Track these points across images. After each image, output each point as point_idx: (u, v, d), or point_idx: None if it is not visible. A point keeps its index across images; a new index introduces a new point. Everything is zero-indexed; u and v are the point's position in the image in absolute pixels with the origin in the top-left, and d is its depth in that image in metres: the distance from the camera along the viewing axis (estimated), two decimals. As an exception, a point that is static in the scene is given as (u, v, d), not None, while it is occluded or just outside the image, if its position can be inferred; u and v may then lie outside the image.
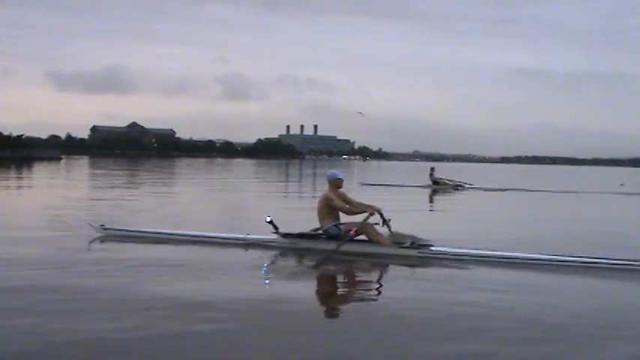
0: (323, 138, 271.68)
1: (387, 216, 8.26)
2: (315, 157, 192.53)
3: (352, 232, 8.00)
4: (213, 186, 27.48)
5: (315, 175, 43.85)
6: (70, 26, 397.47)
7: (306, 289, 6.44)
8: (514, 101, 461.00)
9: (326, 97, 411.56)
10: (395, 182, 30.52)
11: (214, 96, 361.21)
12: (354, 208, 8.36)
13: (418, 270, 7.48)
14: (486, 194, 24.26)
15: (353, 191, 26.46)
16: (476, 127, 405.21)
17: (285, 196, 23.11)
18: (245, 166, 68.00)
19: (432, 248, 7.99)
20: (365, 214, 8.11)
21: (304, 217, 9.96)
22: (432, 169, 28.17)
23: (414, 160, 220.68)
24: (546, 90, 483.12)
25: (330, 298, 6.25)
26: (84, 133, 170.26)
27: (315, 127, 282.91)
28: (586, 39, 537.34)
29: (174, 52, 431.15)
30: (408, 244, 8.05)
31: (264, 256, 7.99)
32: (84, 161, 71.52)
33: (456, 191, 25.33)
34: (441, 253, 7.92)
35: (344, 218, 8.48)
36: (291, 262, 7.83)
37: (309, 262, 7.62)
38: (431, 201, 21.15)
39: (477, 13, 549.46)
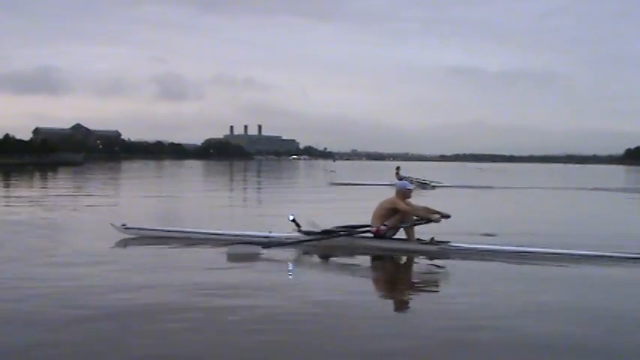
0: (269, 138, 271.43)
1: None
2: (263, 157, 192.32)
3: (374, 229, 8.66)
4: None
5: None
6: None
7: (326, 280, 7.21)
8: (449, 100, 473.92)
9: (264, 97, 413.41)
10: (363, 181, 31.46)
11: (151, 96, 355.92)
12: (420, 212, 8.90)
13: (438, 264, 8.15)
14: (456, 191, 25.73)
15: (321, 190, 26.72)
16: (413, 126, 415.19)
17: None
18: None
19: (451, 244, 8.66)
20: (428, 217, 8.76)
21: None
22: (398, 167, 29.35)
23: (361, 159, 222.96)
24: (480, 88, 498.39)
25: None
26: (22, 135, 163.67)
27: (260, 127, 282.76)
28: (517, 38, 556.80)
29: (109, 53, 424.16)
30: (428, 240, 8.71)
31: (287, 253, 8.53)
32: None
33: (423, 189, 26.23)
34: (459, 248, 8.59)
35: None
36: (313, 258, 8.48)
37: (330, 257, 8.42)
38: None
39: (411, 13, 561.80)
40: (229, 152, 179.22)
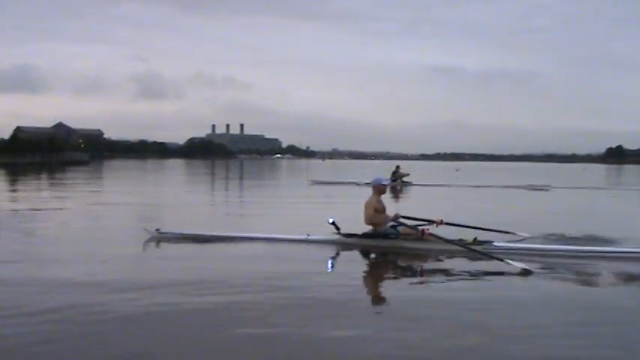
0: (251, 137, 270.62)
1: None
2: (246, 157, 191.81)
3: (427, 230, 8.49)
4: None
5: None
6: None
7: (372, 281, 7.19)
8: (429, 99, 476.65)
9: (245, 96, 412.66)
10: (346, 180, 31.04)
11: (132, 95, 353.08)
12: (377, 218, 8.83)
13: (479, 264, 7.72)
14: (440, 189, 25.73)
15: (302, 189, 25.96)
16: (393, 125, 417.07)
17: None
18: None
19: (495, 244, 8.41)
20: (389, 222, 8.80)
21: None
22: (397, 167, 29.07)
23: (344, 159, 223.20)
24: (459, 88, 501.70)
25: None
26: (3, 134, 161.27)
27: (242, 126, 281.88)
28: (496, 38, 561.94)
29: (89, 51, 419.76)
30: (471, 240, 8.38)
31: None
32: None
33: (405, 187, 26.41)
34: (504, 248, 8.33)
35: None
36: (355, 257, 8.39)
37: (373, 257, 8.36)
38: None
39: (392, 13, 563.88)
40: (212, 151, 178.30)
